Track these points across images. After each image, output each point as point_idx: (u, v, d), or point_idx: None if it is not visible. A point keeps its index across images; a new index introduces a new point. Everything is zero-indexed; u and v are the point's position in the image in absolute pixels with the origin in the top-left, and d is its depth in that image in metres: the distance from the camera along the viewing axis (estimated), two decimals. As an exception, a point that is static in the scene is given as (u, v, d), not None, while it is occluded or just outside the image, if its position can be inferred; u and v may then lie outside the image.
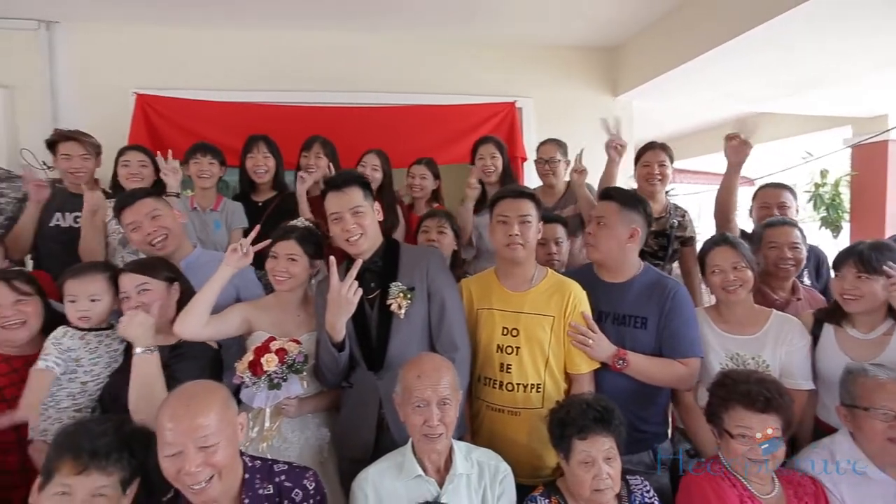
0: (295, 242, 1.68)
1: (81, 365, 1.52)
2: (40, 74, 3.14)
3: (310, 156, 2.43)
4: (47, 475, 1.10)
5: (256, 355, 1.46)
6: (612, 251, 1.69)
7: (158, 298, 1.54)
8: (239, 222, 2.27)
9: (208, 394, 1.19)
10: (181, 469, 1.10)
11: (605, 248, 1.69)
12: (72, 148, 2.27)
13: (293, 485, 1.28)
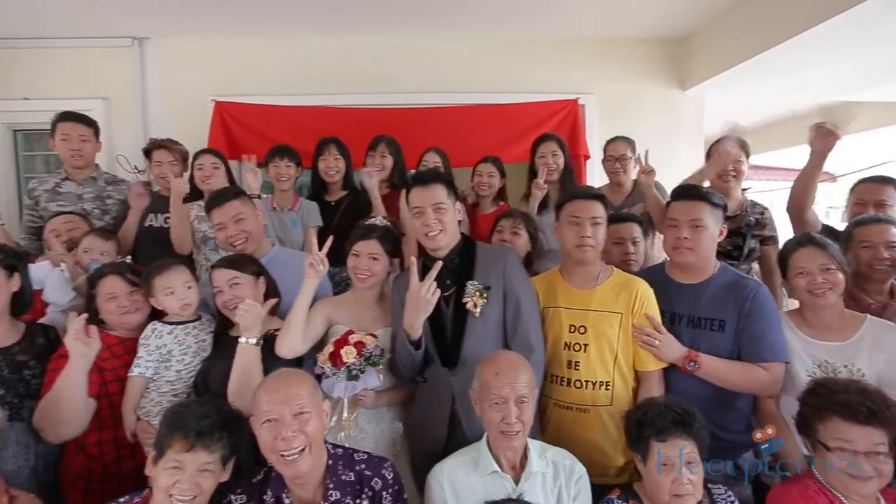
0: (376, 241, 1.74)
1: (174, 356, 1.65)
2: (133, 86, 3.44)
3: (375, 155, 2.51)
4: (160, 451, 1.22)
5: (336, 347, 1.54)
6: (708, 253, 1.65)
7: (248, 292, 1.66)
8: (314, 221, 2.38)
9: (300, 374, 1.33)
10: (277, 435, 1.19)
11: (705, 251, 1.65)
12: (162, 155, 2.48)
13: (373, 473, 1.35)
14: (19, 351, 1.61)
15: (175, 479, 1.18)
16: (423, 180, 1.63)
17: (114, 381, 1.65)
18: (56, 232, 2.06)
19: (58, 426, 1.50)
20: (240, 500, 1.29)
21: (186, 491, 1.18)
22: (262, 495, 1.29)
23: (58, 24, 3.22)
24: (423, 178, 1.65)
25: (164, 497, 1.18)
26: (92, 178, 2.51)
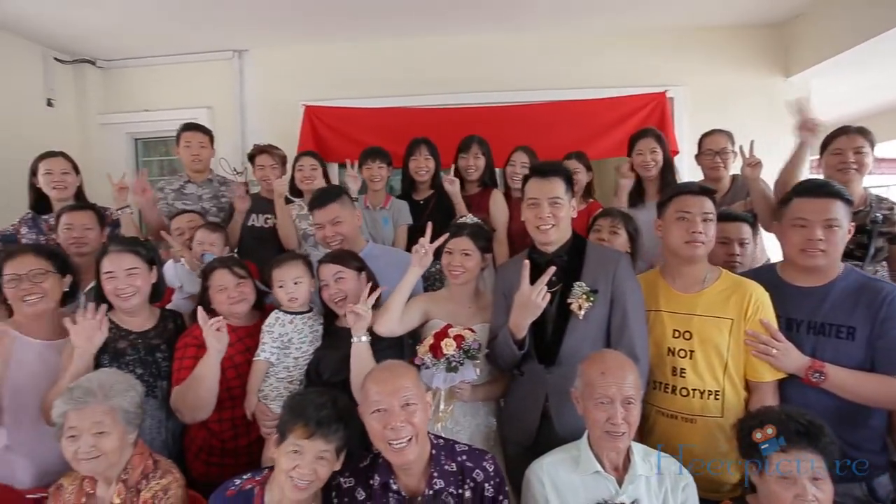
0: (468, 238, 1.79)
1: (293, 343, 1.77)
2: (232, 95, 3.73)
3: (468, 156, 2.54)
4: (282, 434, 1.32)
5: (436, 339, 1.59)
6: (838, 254, 1.53)
7: (352, 286, 1.75)
8: (405, 219, 2.47)
9: (405, 366, 1.40)
10: (386, 425, 1.26)
11: (837, 252, 1.52)
12: (264, 159, 2.67)
13: (474, 465, 1.38)
14: (154, 335, 1.80)
15: (295, 463, 1.27)
16: (542, 172, 1.62)
17: (230, 367, 1.79)
18: (180, 230, 2.29)
19: (195, 410, 1.66)
20: (348, 482, 1.37)
21: (305, 475, 1.26)
22: (369, 480, 1.36)
23: (169, 43, 3.57)
24: (543, 169, 1.64)
25: (285, 478, 1.27)
26: (208, 180, 2.76)
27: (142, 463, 1.41)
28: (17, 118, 3.29)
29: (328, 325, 1.85)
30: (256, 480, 1.37)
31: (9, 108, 3.26)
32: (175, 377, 1.71)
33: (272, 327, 1.77)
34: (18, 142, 3.19)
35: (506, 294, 1.71)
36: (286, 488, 1.28)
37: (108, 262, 1.69)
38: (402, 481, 1.33)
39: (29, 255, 1.69)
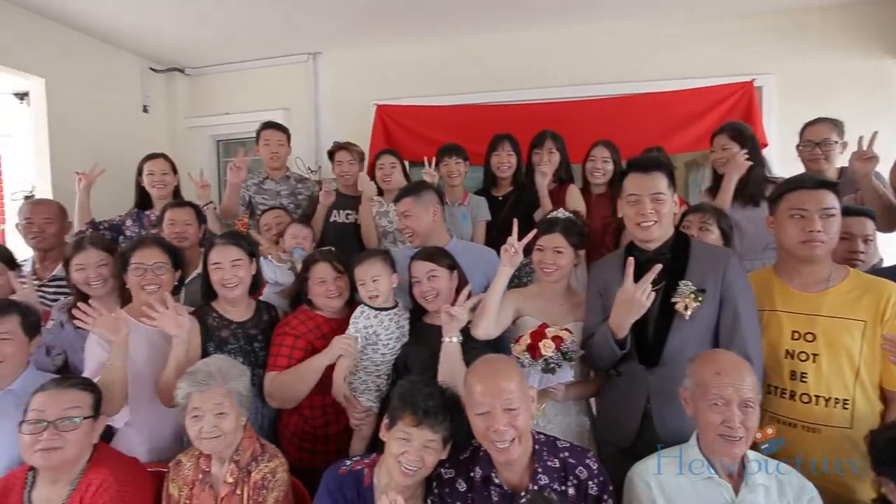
0: (560, 235, 1.75)
1: (380, 339, 1.81)
2: (307, 96, 3.88)
3: (542, 152, 2.52)
4: (392, 420, 1.36)
5: (533, 339, 1.57)
6: None
7: (443, 284, 1.76)
8: (483, 215, 2.47)
9: (510, 366, 1.37)
10: (490, 426, 1.25)
11: None
12: (343, 156, 2.75)
13: (577, 462, 1.35)
14: (252, 325, 1.89)
15: (403, 449, 1.30)
16: (643, 167, 1.56)
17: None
18: (268, 226, 2.40)
19: (287, 401, 1.76)
20: (449, 473, 1.38)
21: (412, 462, 1.29)
22: (470, 472, 1.36)
23: (249, 50, 3.77)
24: (644, 164, 1.58)
25: (393, 462, 1.31)
26: (286, 177, 2.88)
27: (251, 446, 1.48)
28: (119, 123, 3.60)
29: (414, 321, 1.87)
30: (366, 462, 1.42)
31: (112, 115, 3.56)
32: (270, 362, 1.78)
33: (357, 319, 1.81)
34: (120, 144, 3.48)
35: (601, 293, 1.66)
36: (394, 472, 1.31)
37: (216, 254, 1.79)
38: (504, 475, 1.33)
39: (155, 248, 1.82)
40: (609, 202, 2.48)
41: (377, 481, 1.37)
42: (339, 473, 1.41)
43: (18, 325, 1.63)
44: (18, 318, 1.64)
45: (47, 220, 2.30)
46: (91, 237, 2.02)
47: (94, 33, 3.38)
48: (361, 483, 1.38)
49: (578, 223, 1.82)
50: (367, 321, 1.79)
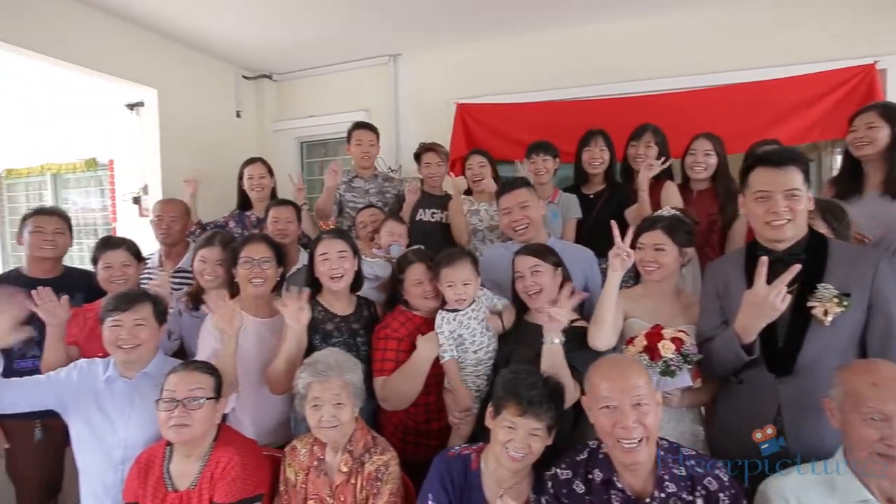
0: (661, 232, 1.68)
1: (465, 339, 1.81)
2: (387, 97, 3.96)
3: (639, 144, 2.42)
4: (497, 409, 1.38)
5: (650, 341, 1.50)
6: None
7: (547, 280, 1.73)
8: (574, 213, 2.41)
9: (636, 364, 1.35)
10: (617, 423, 1.22)
11: None
12: (430, 157, 2.79)
13: (704, 472, 1.27)
14: (354, 320, 1.96)
15: (510, 437, 1.33)
16: (776, 161, 1.45)
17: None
18: (364, 223, 2.48)
19: (406, 401, 1.80)
20: (565, 474, 1.35)
21: (519, 449, 1.32)
22: (588, 474, 1.32)
23: (331, 54, 3.90)
24: (776, 158, 1.46)
25: (500, 449, 1.34)
26: (374, 175, 2.97)
27: (363, 437, 1.53)
28: (216, 128, 3.87)
29: (518, 320, 1.85)
30: (474, 449, 1.47)
31: (210, 120, 3.84)
32: (377, 367, 1.82)
33: (441, 328, 1.81)
34: (217, 148, 3.75)
35: (719, 294, 1.57)
36: (502, 458, 1.34)
37: (323, 246, 1.88)
38: (626, 480, 1.28)
39: (262, 243, 1.93)
40: (713, 198, 2.34)
41: (484, 466, 1.41)
42: (448, 456, 1.46)
43: (151, 313, 1.77)
44: (151, 306, 1.78)
45: (174, 218, 2.52)
46: (222, 236, 2.16)
47: (195, 45, 3.65)
48: (469, 467, 1.43)
49: (686, 221, 1.73)
50: (449, 326, 1.80)
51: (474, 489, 1.41)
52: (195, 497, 1.46)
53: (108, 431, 1.70)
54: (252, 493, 1.47)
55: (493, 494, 1.38)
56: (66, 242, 2.24)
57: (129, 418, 1.71)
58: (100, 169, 5.03)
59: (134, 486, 1.51)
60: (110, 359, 1.77)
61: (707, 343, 1.54)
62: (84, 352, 1.97)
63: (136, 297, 1.78)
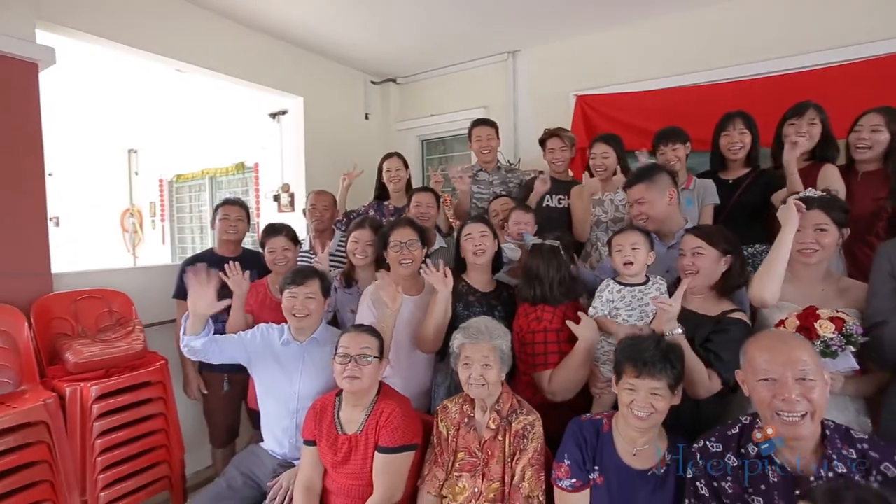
0: (821, 212, 1.63)
1: (620, 313, 1.87)
2: (506, 93, 4.11)
3: (801, 122, 2.26)
4: (618, 375, 1.49)
5: (804, 321, 1.47)
6: None
7: (708, 264, 1.75)
8: (711, 199, 2.35)
9: (801, 338, 1.36)
10: (777, 395, 1.22)
11: None
12: (555, 143, 2.88)
13: (881, 457, 1.23)
14: (493, 297, 2.13)
15: (632, 398, 1.43)
16: None
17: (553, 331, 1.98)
18: (495, 212, 2.65)
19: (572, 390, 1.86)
20: (715, 447, 1.37)
21: (643, 408, 1.41)
22: (741, 448, 1.34)
23: (451, 54, 4.15)
24: None
25: (626, 410, 1.44)
26: (497, 167, 3.13)
27: (509, 400, 1.68)
28: (348, 130, 4.31)
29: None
30: (605, 415, 1.57)
31: (344, 123, 4.30)
32: (540, 361, 1.88)
33: (602, 292, 1.90)
34: (349, 148, 4.16)
35: (893, 275, 1.48)
36: (629, 419, 1.44)
37: (468, 228, 2.11)
38: (786, 457, 1.28)
39: (408, 227, 2.17)
40: (883, 181, 2.13)
41: (615, 429, 1.51)
42: (580, 420, 1.58)
43: (319, 288, 2.08)
44: (319, 282, 2.09)
45: (325, 207, 2.91)
46: (372, 220, 2.47)
47: (333, 56, 4.11)
48: (601, 429, 1.53)
49: (839, 199, 1.65)
50: (610, 294, 1.87)
51: (606, 449, 1.50)
52: (362, 440, 1.71)
53: (284, 385, 2.04)
54: (410, 441, 1.69)
55: (625, 453, 1.47)
56: (245, 228, 2.69)
57: (301, 375, 2.03)
58: (246, 171, 5.84)
59: (311, 426, 1.81)
60: (284, 325, 2.12)
61: (878, 327, 1.47)
62: (257, 319, 2.37)
63: (308, 273, 2.10)
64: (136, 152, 7.21)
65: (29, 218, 2.31)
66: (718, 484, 1.33)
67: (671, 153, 2.48)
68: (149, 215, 7.20)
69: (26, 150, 2.29)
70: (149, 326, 2.55)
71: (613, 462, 1.47)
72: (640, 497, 1.43)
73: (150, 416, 2.26)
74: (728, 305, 1.75)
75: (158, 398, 2.28)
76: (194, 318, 1.94)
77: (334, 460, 1.74)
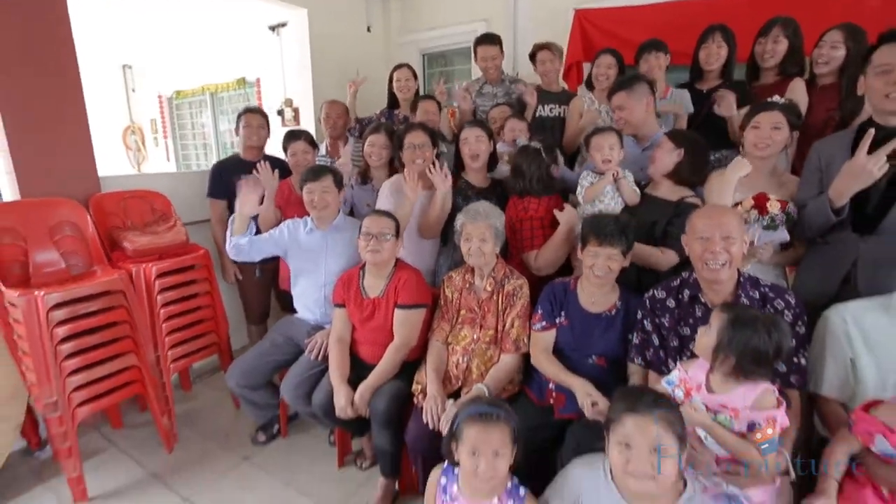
0: (780, 112, 1.95)
1: (605, 200, 2.24)
2: (506, 7, 4.25)
3: (766, 40, 2.52)
4: (584, 243, 1.91)
5: (758, 201, 1.86)
6: None
7: (663, 154, 2.13)
8: (686, 108, 2.67)
9: (730, 209, 1.77)
10: (707, 249, 1.62)
11: None
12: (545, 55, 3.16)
13: (776, 296, 1.65)
14: (488, 193, 2.49)
15: (593, 261, 1.84)
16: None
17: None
18: (494, 119, 2.97)
19: (554, 266, 2.30)
20: (660, 294, 1.80)
21: (601, 269, 1.82)
22: (678, 294, 1.78)
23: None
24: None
25: (588, 271, 1.86)
26: (501, 80, 3.39)
27: (503, 268, 2.11)
28: (350, 43, 4.47)
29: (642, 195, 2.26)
30: (572, 278, 2.01)
31: (346, 36, 4.44)
32: (527, 244, 2.27)
33: (584, 180, 2.30)
34: (351, 61, 4.34)
35: (821, 168, 1.83)
36: (590, 278, 1.86)
37: (465, 132, 2.44)
38: (709, 297, 1.71)
39: (420, 131, 2.49)
40: (836, 94, 2.43)
41: (579, 286, 1.95)
42: (553, 283, 2.02)
43: (332, 182, 2.44)
44: (332, 177, 2.44)
45: (339, 115, 3.22)
46: (386, 125, 2.80)
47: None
48: (568, 287, 1.98)
49: (796, 107, 1.98)
50: (584, 181, 2.27)
51: (571, 300, 1.95)
52: (383, 302, 2.17)
53: (312, 265, 2.47)
54: (422, 301, 2.15)
55: (586, 303, 1.92)
56: (266, 135, 3.02)
57: (326, 256, 2.45)
58: (248, 87, 5.98)
59: (340, 293, 2.26)
60: (307, 218, 2.51)
61: (802, 209, 1.84)
62: (284, 214, 2.76)
63: (321, 170, 2.44)
64: (130, 68, 7.23)
65: (74, 124, 2.61)
66: (659, 320, 1.78)
67: (654, 61, 2.76)
68: (150, 133, 7.38)
69: (62, 56, 2.52)
70: (185, 225, 2.94)
71: (576, 309, 1.93)
72: (596, 333, 1.89)
73: (198, 293, 2.71)
74: (687, 192, 2.13)
75: (204, 279, 2.73)
76: (240, 218, 2.34)
77: (361, 317, 2.20)
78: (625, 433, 1.19)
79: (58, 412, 2.15)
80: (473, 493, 1.34)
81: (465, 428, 1.31)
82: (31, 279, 2.29)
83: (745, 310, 1.43)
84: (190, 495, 2.29)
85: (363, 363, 2.18)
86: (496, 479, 1.30)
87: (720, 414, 1.39)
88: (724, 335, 1.36)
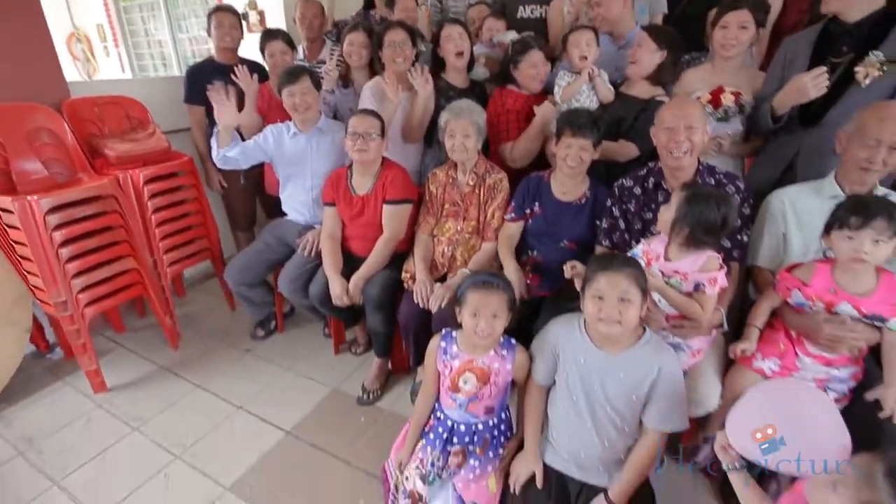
0: (748, 11, 2.04)
1: (581, 98, 2.36)
2: None
3: None
4: (558, 136, 2.04)
5: (714, 94, 2.02)
6: None
7: (646, 55, 2.21)
8: (661, 8, 2.72)
9: (695, 102, 1.90)
10: (671, 139, 1.77)
11: None
12: None
13: (728, 182, 1.87)
14: (468, 91, 2.58)
15: (567, 152, 1.98)
16: None
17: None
18: (472, 19, 2.97)
19: (528, 158, 2.45)
20: (628, 182, 1.99)
21: (574, 159, 1.97)
22: (644, 182, 1.98)
23: None
24: None
25: (561, 162, 2.02)
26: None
27: (484, 164, 2.26)
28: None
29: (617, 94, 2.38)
30: (546, 171, 2.18)
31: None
32: (503, 137, 2.42)
33: (560, 80, 2.40)
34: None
35: (784, 65, 1.97)
36: (563, 169, 2.03)
37: (447, 30, 2.47)
38: (671, 184, 1.92)
39: (400, 28, 2.50)
40: (809, -4, 2.52)
41: (552, 178, 2.13)
42: (529, 177, 2.18)
43: (310, 84, 2.45)
44: (309, 77, 2.45)
45: (314, 15, 3.13)
46: (364, 24, 2.77)
47: None
48: (542, 179, 2.15)
49: (766, 4, 2.07)
50: (561, 81, 2.37)
51: (544, 191, 2.13)
52: (371, 198, 2.31)
53: (299, 168, 2.56)
54: (409, 196, 2.30)
55: (559, 193, 2.10)
56: (239, 35, 2.96)
57: (312, 158, 2.54)
58: (206, -11, 5.59)
59: (330, 192, 2.39)
60: (289, 122, 2.56)
61: (762, 102, 2.00)
62: (266, 119, 2.79)
63: (297, 71, 2.43)
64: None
65: (33, 28, 2.51)
66: (625, 206, 1.99)
67: None
68: (99, 41, 6.90)
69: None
70: (165, 133, 2.94)
71: (550, 199, 2.12)
72: (567, 219, 2.10)
73: (186, 199, 2.80)
74: (658, 91, 2.27)
75: (192, 185, 2.80)
76: (223, 130, 2.36)
77: (350, 214, 2.35)
78: (598, 287, 1.41)
79: (68, 311, 2.30)
80: (473, 349, 1.57)
81: (469, 293, 1.51)
82: (17, 187, 2.33)
83: (700, 188, 1.64)
84: (201, 382, 2.54)
85: (354, 257, 2.37)
86: (492, 336, 1.53)
87: (672, 278, 1.64)
88: (682, 209, 1.57)
